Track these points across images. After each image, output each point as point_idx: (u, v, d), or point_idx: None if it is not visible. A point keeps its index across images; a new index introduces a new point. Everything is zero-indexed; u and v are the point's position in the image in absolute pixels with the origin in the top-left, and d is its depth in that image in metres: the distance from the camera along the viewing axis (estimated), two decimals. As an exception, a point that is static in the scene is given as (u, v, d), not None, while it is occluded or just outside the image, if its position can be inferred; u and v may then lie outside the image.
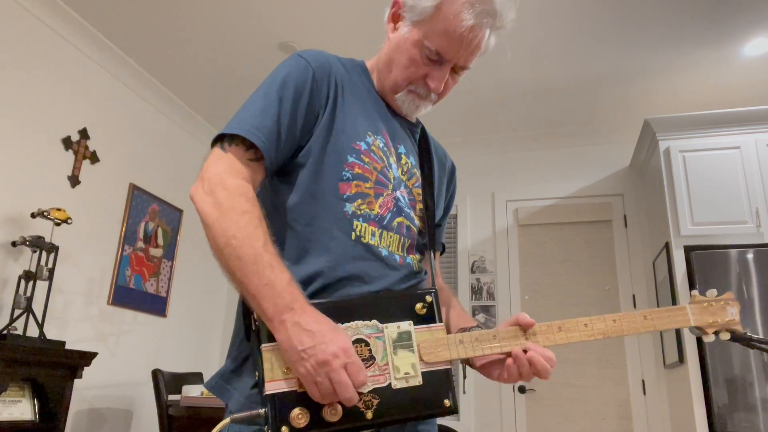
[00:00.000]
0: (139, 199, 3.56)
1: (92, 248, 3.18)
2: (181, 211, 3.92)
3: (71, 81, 3.12)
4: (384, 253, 0.94)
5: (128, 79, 3.51)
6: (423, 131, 1.16)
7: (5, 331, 2.46)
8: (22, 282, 2.61)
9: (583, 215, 4.01)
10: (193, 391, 2.75)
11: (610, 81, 3.53)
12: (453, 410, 0.84)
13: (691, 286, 3.03)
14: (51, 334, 2.82)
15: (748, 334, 1.44)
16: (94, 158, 3.22)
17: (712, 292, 1.01)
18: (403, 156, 1.04)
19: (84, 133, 3.17)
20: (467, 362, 0.95)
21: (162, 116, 3.84)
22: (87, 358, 2.71)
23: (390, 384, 0.80)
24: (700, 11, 2.88)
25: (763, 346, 1.41)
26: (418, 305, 0.87)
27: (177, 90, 3.79)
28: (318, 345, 0.75)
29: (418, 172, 1.07)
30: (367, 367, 0.80)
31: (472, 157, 4.33)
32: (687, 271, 3.07)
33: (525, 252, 4.05)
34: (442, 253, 1.24)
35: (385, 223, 0.95)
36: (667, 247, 3.26)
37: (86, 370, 2.75)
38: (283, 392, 0.77)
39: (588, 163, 4.10)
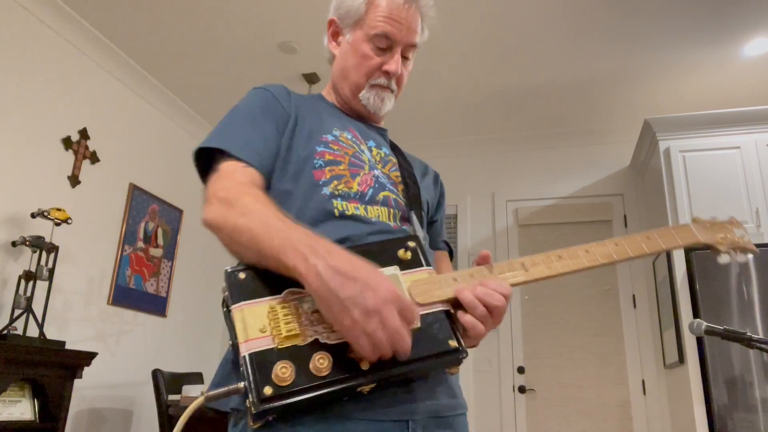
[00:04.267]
0: (139, 199, 3.56)
1: (92, 248, 3.18)
2: (181, 211, 3.92)
3: (71, 81, 3.12)
4: (373, 220, 0.91)
5: (128, 79, 3.51)
6: (390, 141, 1.18)
7: (5, 331, 2.46)
8: (22, 282, 2.61)
9: (583, 215, 4.01)
10: (193, 391, 2.75)
11: (610, 81, 3.53)
12: (460, 352, 0.73)
13: (691, 287, 3.03)
14: (51, 334, 2.82)
15: (748, 334, 1.44)
16: (94, 158, 3.22)
17: (713, 217, 0.95)
18: (374, 148, 1.04)
19: (84, 133, 3.17)
20: None
21: (162, 116, 3.84)
22: (87, 358, 2.71)
23: None
24: (700, 11, 2.88)
25: (763, 346, 1.41)
26: (401, 251, 0.81)
27: (177, 90, 3.79)
28: (364, 290, 0.66)
29: (393, 159, 1.06)
30: None
31: (472, 157, 4.34)
32: (687, 271, 3.07)
33: (525, 252, 4.05)
34: (451, 256, 1.20)
35: (367, 198, 0.93)
36: (667, 247, 3.26)
37: (86, 370, 2.75)
38: (260, 350, 0.67)
39: (588, 163, 4.10)
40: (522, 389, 3.77)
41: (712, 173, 3.19)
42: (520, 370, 3.82)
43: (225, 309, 0.74)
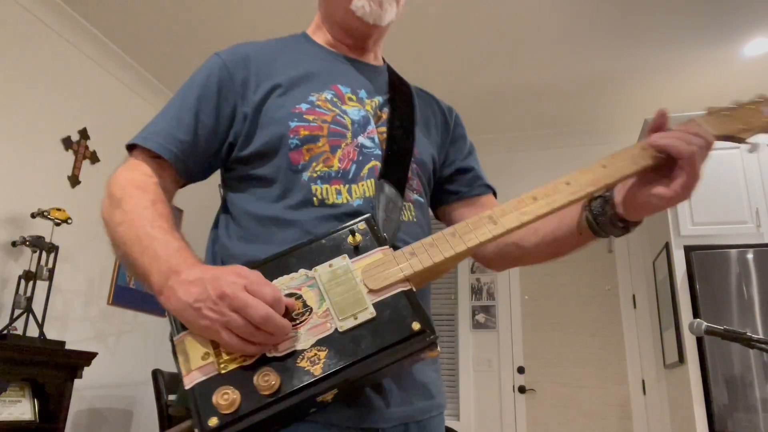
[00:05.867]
0: (139, 199, 3.56)
1: (92, 248, 3.18)
2: (180, 211, 3.92)
3: (71, 81, 3.12)
4: (356, 203, 0.80)
5: (128, 79, 3.51)
6: (392, 72, 1.03)
7: (5, 331, 2.46)
8: (22, 282, 2.61)
9: (583, 215, 4.00)
10: (193, 391, 2.74)
11: (610, 81, 3.53)
12: (427, 333, 0.65)
13: (691, 287, 3.03)
14: (51, 334, 2.82)
15: (748, 334, 1.44)
16: (94, 158, 3.22)
17: (735, 101, 0.82)
18: (365, 99, 0.92)
19: (84, 133, 3.17)
20: (610, 212, 0.79)
21: (162, 116, 3.84)
22: (87, 358, 2.71)
23: (336, 329, 0.65)
24: (700, 11, 2.88)
25: (763, 346, 1.41)
26: (351, 238, 0.71)
27: (177, 90, 3.79)
28: (207, 286, 0.63)
29: (387, 111, 0.93)
30: (302, 322, 0.65)
31: (472, 157, 4.33)
32: (687, 271, 3.07)
33: (525, 252, 4.05)
34: (495, 196, 1.08)
35: (350, 176, 0.82)
36: (667, 247, 3.26)
37: (86, 370, 2.75)
38: (204, 380, 0.63)
39: (588, 163, 4.08)
40: (522, 389, 3.77)
41: (712, 173, 3.19)
42: (520, 370, 3.82)
43: (171, 345, 0.68)
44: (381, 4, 0.92)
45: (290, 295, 0.68)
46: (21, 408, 2.49)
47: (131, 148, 0.86)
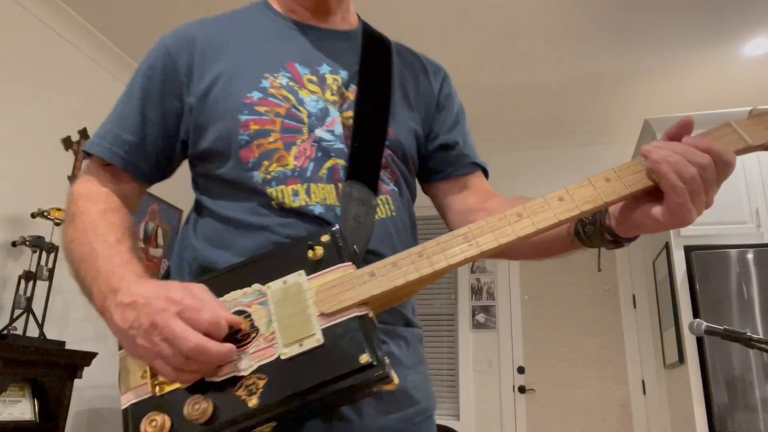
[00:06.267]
0: (139, 199, 3.56)
1: (92, 248, 3.18)
2: (180, 211, 3.92)
3: (71, 81, 3.12)
4: (317, 210, 0.72)
5: (128, 79, 3.51)
6: (368, 33, 0.91)
7: (5, 331, 2.46)
8: (22, 282, 2.61)
9: (583, 215, 4.01)
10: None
11: (610, 81, 3.53)
12: (374, 368, 0.57)
13: (691, 286, 3.03)
14: (51, 334, 2.82)
15: (748, 334, 1.44)
16: (94, 158, 3.22)
17: (756, 108, 0.67)
18: (327, 76, 0.81)
19: (84, 133, 3.17)
20: (601, 227, 0.67)
21: (162, 116, 3.85)
22: (87, 358, 2.71)
23: (279, 356, 0.59)
24: (700, 11, 2.88)
25: (763, 346, 1.42)
26: (311, 252, 0.64)
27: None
28: (140, 312, 0.59)
29: (353, 89, 0.81)
30: (248, 344, 0.60)
31: (472, 157, 4.34)
32: (687, 271, 3.07)
33: (525, 252, 4.06)
34: (486, 176, 0.97)
35: (309, 175, 0.74)
36: (667, 247, 3.26)
37: (86, 370, 2.75)
38: (137, 402, 0.60)
39: (588, 163, 4.10)
40: (522, 389, 3.77)
41: (712, 173, 3.19)
42: (520, 370, 3.82)
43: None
44: None
45: (239, 312, 0.62)
46: (21, 408, 2.49)
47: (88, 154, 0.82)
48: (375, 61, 0.85)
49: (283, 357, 0.59)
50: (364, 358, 0.57)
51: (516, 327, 3.92)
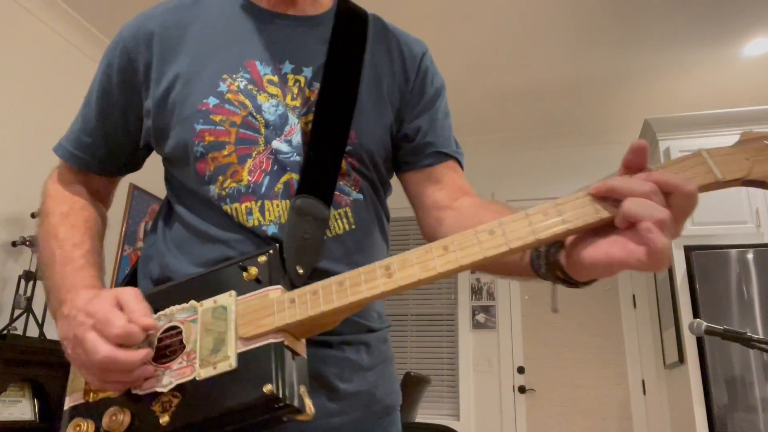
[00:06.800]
0: (138, 199, 3.56)
1: (92, 248, 3.18)
2: (181, 211, 3.93)
3: (71, 81, 3.12)
4: (271, 230, 0.69)
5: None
6: (342, 13, 0.83)
7: (5, 331, 2.46)
8: (22, 282, 2.61)
9: (583, 215, 4.01)
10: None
11: (610, 81, 3.53)
12: (278, 400, 0.56)
13: (691, 286, 3.03)
14: (51, 334, 2.82)
15: (748, 334, 1.44)
16: (94, 158, 3.22)
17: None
18: (289, 76, 0.75)
19: (84, 133, 3.17)
20: (554, 264, 0.57)
21: (162, 116, 3.85)
22: (87, 358, 2.71)
23: (194, 377, 0.59)
24: (700, 11, 2.88)
25: (763, 346, 1.42)
26: (245, 273, 0.63)
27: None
28: (70, 325, 0.62)
29: (316, 87, 0.75)
30: (172, 360, 0.60)
31: (472, 157, 4.32)
32: (687, 271, 3.07)
33: (525, 252, 4.06)
34: (461, 165, 0.87)
35: (263, 191, 0.70)
36: (667, 247, 3.26)
37: (86, 370, 2.75)
38: (74, 405, 0.63)
39: (588, 163, 4.10)
40: (522, 389, 3.77)
41: (712, 173, 3.19)
42: (520, 370, 3.82)
43: None
44: None
45: (172, 328, 0.62)
46: (21, 408, 2.49)
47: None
48: (344, 51, 0.78)
49: (198, 378, 0.59)
50: (268, 388, 0.55)
51: (516, 327, 3.92)
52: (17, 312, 2.55)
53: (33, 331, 2.58)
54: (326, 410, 0.69)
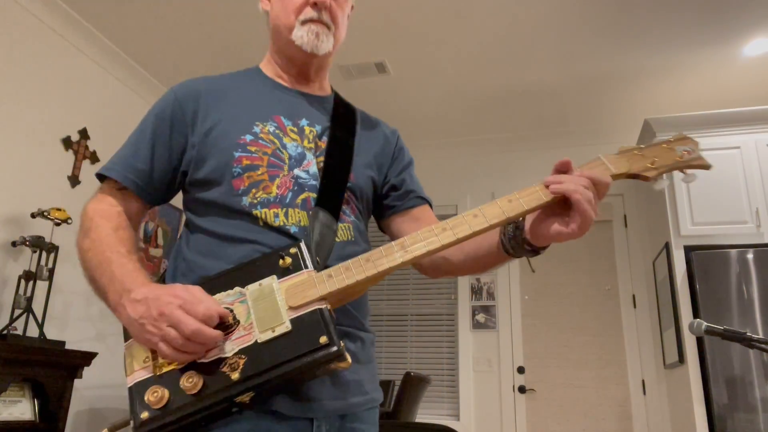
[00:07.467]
0: (139, 199, 3.56)
1: (92, 248, 3.18)
2: (180, 211, 3.92)
3: (71, 81, 3.12)
4: (293, 230, 0.90)
5: (128, 79, 3.51)
6: (339, 100, 1.14)
7: (5, 331, 2.46)
8: (22, 282, 2.61)
9: (583, 215, 4.00)
10: (193, 391, 2.75)
11: (610, 81, 3.53)
12: (332, 346, 0.74)
13: (691, 286, 3.03)
14: (51, 334, 2.82)
15: (748, 334, 1.44)
16: (94, 158, 3.22)
17: (657, 139, 0.87)
18: (306, 128, 1.02)
19: (84, 133, 3.17)
20: (519, 241, 0.89)
21: (162, 116, 3.84)
22: (87, 358, 2.71)
23: (256, 340, 0.76)
24: (700, 11, 2.88)
25: (763, 346, 1.41)
26: (281, 261, 0.82)
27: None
28: (150, 305, 0.75)
29: (324, 139, 1.03)
30: (230, 333, 0.76)
31: (472, 157, 4.34)
32: (687, 271, 3.07)
33: (525, 252, 4.05)
34: (431, 208, 1.16)
35: (287, 201, 0.93)
36: (667, 247, 3.26)
37: (86, 370, 2.75)
38: (141, 380, 0.76)
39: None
40: (522, 389, 3.77)
41: (712, 173, 3.19)
42: (520, 370, 3.82)
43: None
44: (318, 36, 1.02)
45: (225, 309, 0.78)
46: (21, 408, 2.49)
47: (101, 177, 0.99)
48: (342, 121, 1.08)
49: (259, 341, 0.75)
50: (323, 339, 0.74)
51: (516, 327, 3.92)
52: (17, 312, 2.55)
53: (33, 331, 2.58)
54: (330, 393, 0.86)
